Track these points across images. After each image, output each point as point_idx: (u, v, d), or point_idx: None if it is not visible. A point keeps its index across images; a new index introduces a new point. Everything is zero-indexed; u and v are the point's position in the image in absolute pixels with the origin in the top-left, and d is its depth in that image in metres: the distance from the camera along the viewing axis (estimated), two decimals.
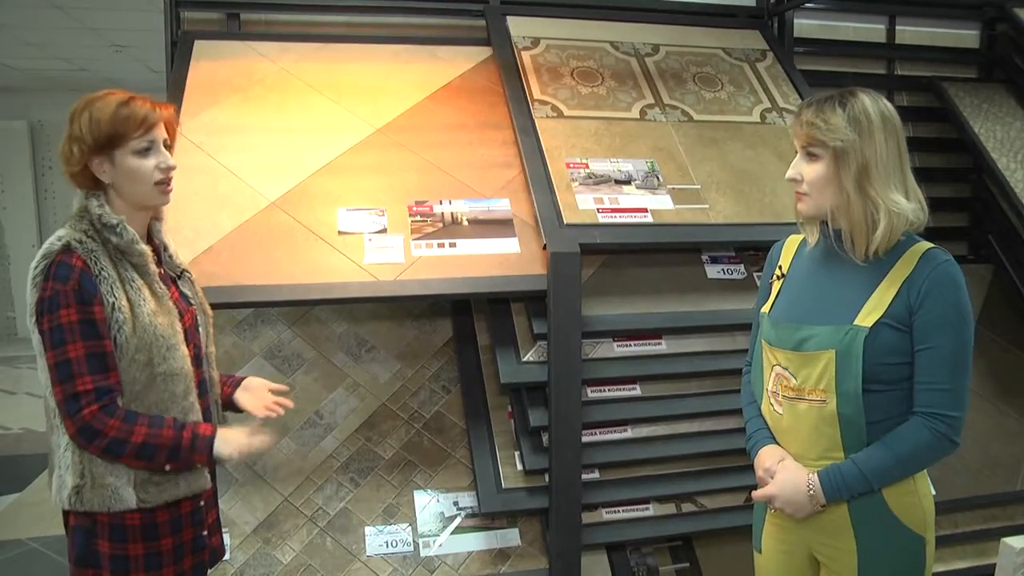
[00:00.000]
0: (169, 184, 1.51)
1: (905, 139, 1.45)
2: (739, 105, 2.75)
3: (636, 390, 2.31)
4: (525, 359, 2.21)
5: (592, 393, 2.28)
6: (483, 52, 2.79)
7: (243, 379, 1.72)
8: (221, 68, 2.60)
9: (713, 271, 2.48)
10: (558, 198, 2.30)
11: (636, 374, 2.29)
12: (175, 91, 2.52)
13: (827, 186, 1.42)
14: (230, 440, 1.49)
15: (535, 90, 2.62)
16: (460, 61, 2.74)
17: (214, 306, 1.77)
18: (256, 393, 1.68)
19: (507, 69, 2.67)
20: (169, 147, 1.52)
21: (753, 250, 2.54)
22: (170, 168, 1.50)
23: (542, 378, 2.17)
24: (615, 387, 2.30)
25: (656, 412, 2.30)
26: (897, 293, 1.39)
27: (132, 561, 1.45)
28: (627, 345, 2.31)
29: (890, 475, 1.40)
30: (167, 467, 1.44)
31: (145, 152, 1.47)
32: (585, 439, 2.23)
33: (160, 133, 1.50)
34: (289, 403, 1.68)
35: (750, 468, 1.58)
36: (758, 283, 2.41)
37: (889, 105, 1.44)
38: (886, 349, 1.38)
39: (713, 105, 2.73)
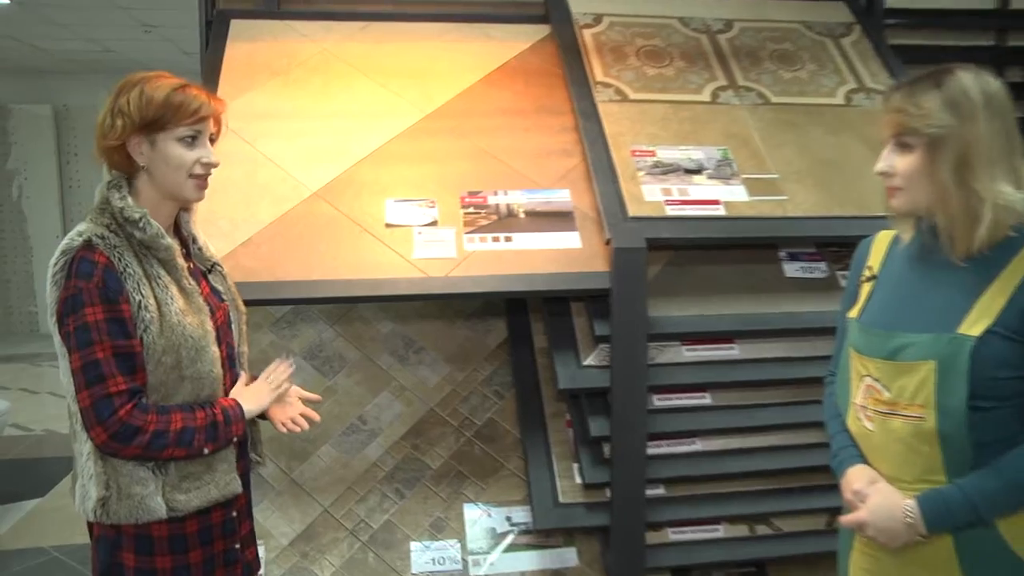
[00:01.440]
0: (206, 181, 1.55)
1: (1016, 121, 1.40)
2: (821, 86, 2.72)
3: (706, 399, 2.31)
4: (586, 363, 2.22)
5: (658, 401, 2.28)
6: (541, 30, 2.81)
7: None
8: (259, 49, 2.67)
9: (791, 269, 2.46)
10: (622, 189, 2.30)
11: (706, 381, 2.28)
12: (210, 74, 2.59)
13: (922, 179, 1.38)
14: (255, 394, 1.60)
15: (597, 71, 2.63)
16: (516, 40, 2.76)
17: (251, 303, 1.82)
18: (284, 399, 1.71)
19: (567, 49, 2.68)
20: (213, 141, 1.57)
21: (836, 246, 2.51)
22: (212, 165, 1.54)
23: (604, 384, 2.18)
24: (683, 395, 2.30)
25: (728, 423, 2.29)
26: (1010, 298, 1.34)
27: (159, 575, 1.48)
28: (697, 349, 2.31)
29: (1002, 505, 1.33)
30: (206, 449, 1.49)
31: (190, 142, 1.51)
32: (650, 451, 2.23)
33: (208, 127, 1.55)
34: (315, 416, 1.73)
35: (834, 488, 1.56)
36: (842, 283, 2.39)
37: (995, 82, 1.37)
38: (997, 362, 1.32)
39: (792, 86, 2.70)
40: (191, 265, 1.59)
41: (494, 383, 2.55)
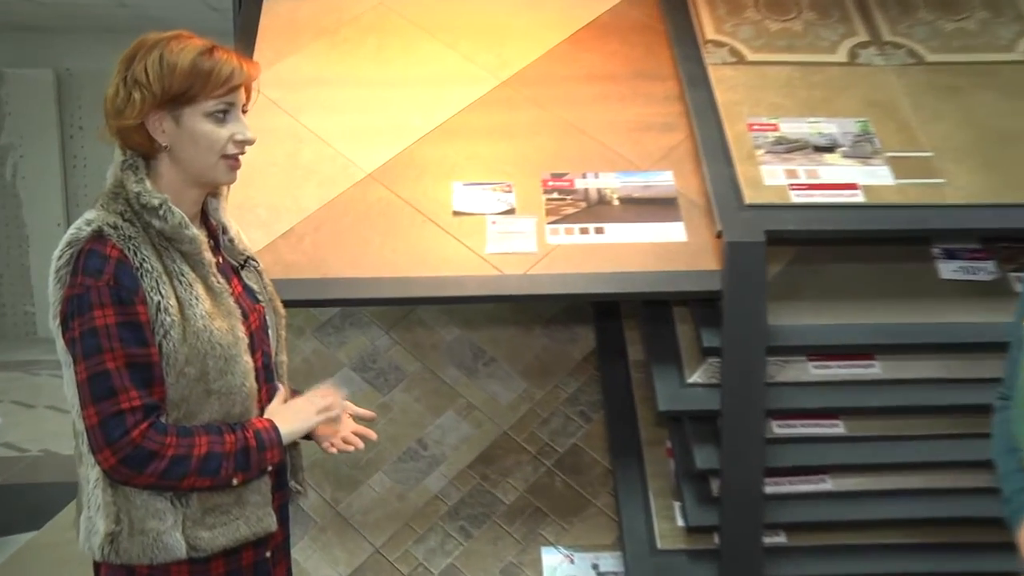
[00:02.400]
0: (239, 160, 1.59)
1: None
2: (995, 38, 2.67)
3: (839, 427, 2.31)
4: (691, 380, 2.26)
5: (779, 429, 2.30)
6: None
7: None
8: (303, 4, 2.79)
9: (949, 269, 2.45)
10: (737, 171, 2.34)
11: (839, 406, 2.29)
12: (244, 34, 2.71)
13: None
14: (295, 414, 1.62)
15: (708, 28, 2.67)
16: None
17: (293, 303, 1.90)
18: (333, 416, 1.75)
19: (670, 0, 2.73)
20: (244, 113, 1.60)
21: (1009, 242, 2.48)
22: (247, 142, 1.58)
23: (713, 406, 2.21)
24: (810, 422, 2.31)
25: (866, 458, 2.29)
26: None
27: None
28: (827, 366, 2.32)
29: None
30: (235, 480, 1.51)
31: (221, 116, 1.53)
32: (768, 490, 2.25)
33: (241, 97, 1.57)
34: (372, 435, 1.79)
35: (1007, 547, 1.56)
36: (1016, 287, 2.37)
37: None
38: None
39: (955, 39, 2.67)
40: (220, 260, 1.64)
41: (579, 403, 2.61)
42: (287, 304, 1.80)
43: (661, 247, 2.26)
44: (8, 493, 4.61)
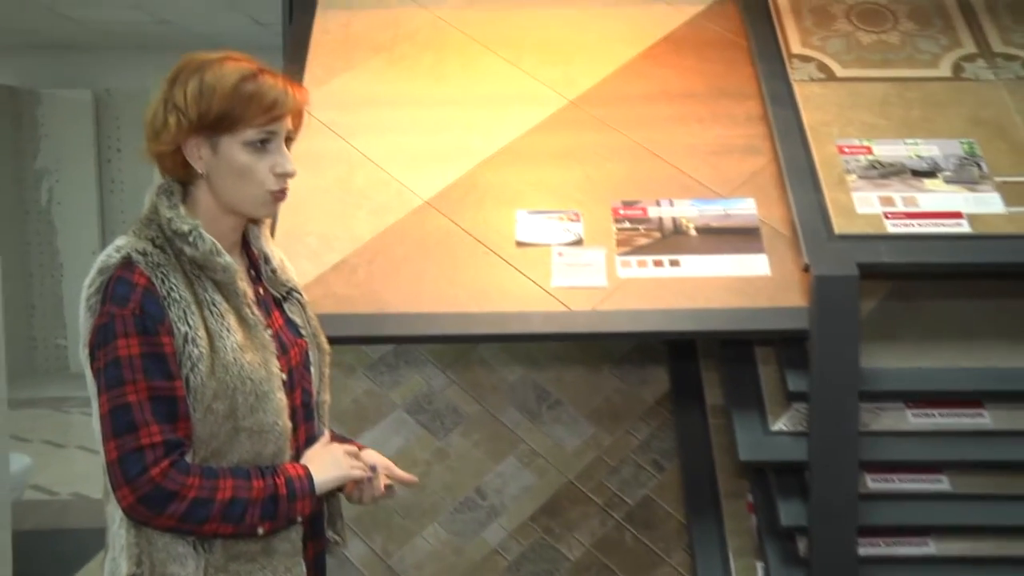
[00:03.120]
0: (284, 193, 1.63)
1: None
2: None
3: (943, 483, 2.27)
4: (775, 428, 2.25)
5: (874, 483, 2.27)
6: None
7: (360, 448, 1.79)
8: (357, 19, 2.85)
9: None
10: (826, 198, 2.33)
11: (943, 459, 2.26)
12: (294, 51, 2.78)
13: None
14: (332, 463, 1.63)
15: (794, 41, 2.68)
16: (686, 2, 2.84)
17: (344, 340, 1.93)
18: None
19: (753, 12, 2.75)
20: (291, 141, 1.65)
21: None
22: (287, 175, 1.61)
23: (800, 456, 2.19)
24: (910, 476, 2.27)
25: (974, 519, 2.24)
26: None
27: None
28: (928, 414, 2.29)
29: None
30: (261, 529, 1.53)
31: (261, 147, 1.57)
32: (863, 551, 2.22)
33: (285, 125, 1.60)
34: (411, 478, 1.79)
35: None
36: None
37: None
38: None
39: None
40: (261, 290, 1.69)
41: (652, 450, 2.60)
42: (338, 341, 1.82)
43: (742, 281, 2.25)
44: (37, 539, 4.65)
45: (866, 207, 2.32)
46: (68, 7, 6.61)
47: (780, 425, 2.25)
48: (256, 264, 1.71)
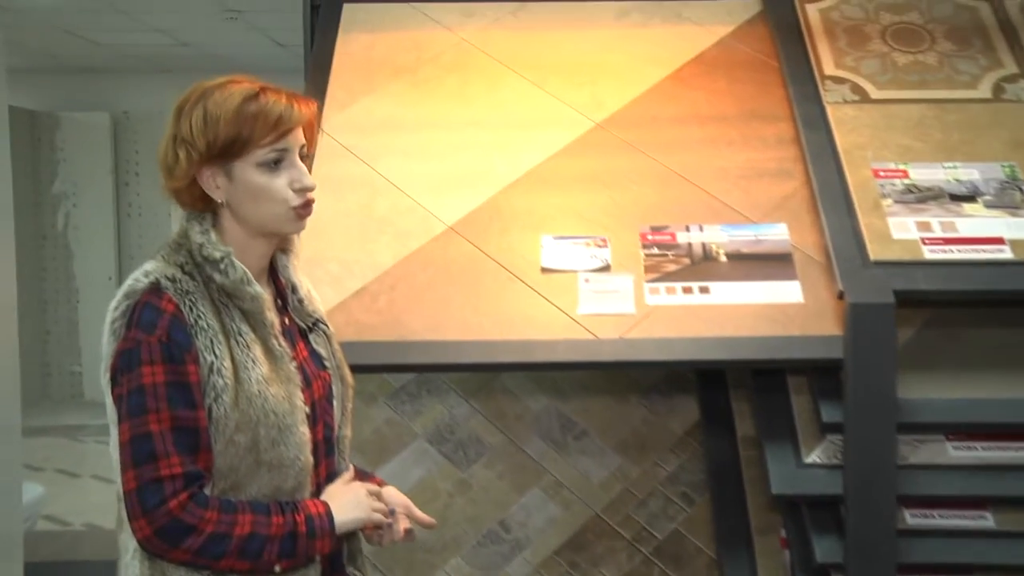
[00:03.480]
0: (309, 207, 1.64)
1: None
2: None
3: (986, 519, 2.25)
4: (808, 460, 2.24)
5: (913, 519, 2.25)
6: (748, 7, 2.91)
7: (380, 484, 1.81)
8: (380, 41, 2.90)
9: None
10: (861, 223, 2.33)
11: (986, 493, 2.23)
12: (317, 73, 2.82)
13: None
14: (353, 502, 1.63)
15: (827, 62, 2.69)
16: (716, 22, 2.87)
17: (366, 368, 1.94)
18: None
19: (785, 32, 2.77)
20: (306, 157, 1.66)
21: None
22: (306, 188, 1.62)
23: (835, 490, 2.19)
24: (951, 512, 2.25)
25: (1020, 557, 2.21)
26: None
27: None
28: (970, 447, 2.27)
29: None
30: (278, 567, 1.53)
31: (274, 166, 1.59)
32: None
33: (296, 140, 1.62)
34: (430, 520, 1.78)
35: None
36: None
37: None
38: None
39: None
40: (287, 321, 1.70)
41: (681, 482, 2.60)
42: (359, 369, 1.84)
43: (774, 309, 2.26)
44: (49, 571, 4.66)
45: (902, 232, 2.32)
46: (88, 30, 6.69)
47: (814, 457, 2.24)
48: (283, 293, 1.73)
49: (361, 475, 1.81)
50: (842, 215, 2.36)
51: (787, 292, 2.29)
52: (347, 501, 1.64)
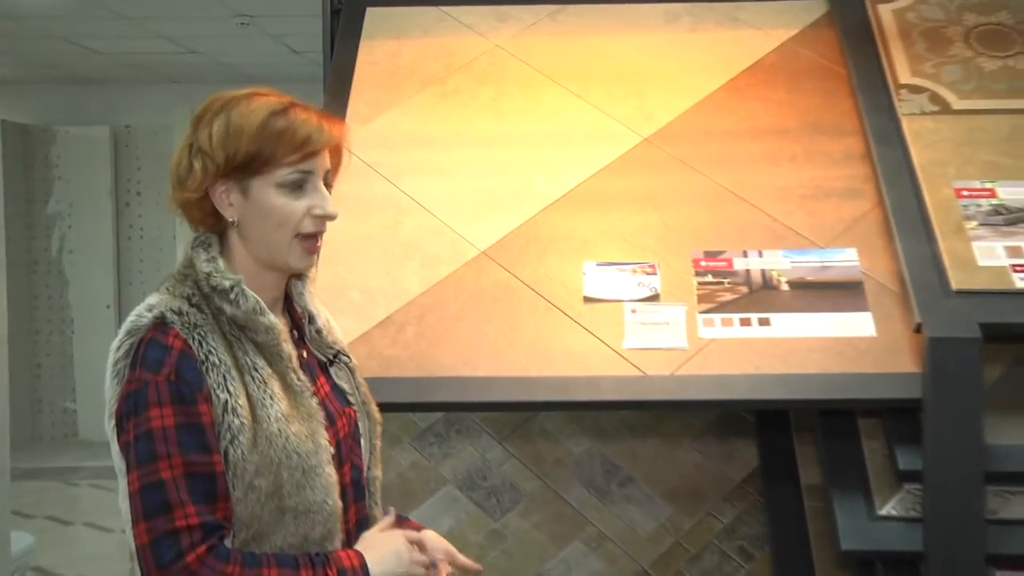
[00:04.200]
0: (318, 240, 1.63)
1: None
2: None
3: None
4: (883, 512, 2.21)
5: None
6: (814, 9, 2.89)
7: (418, 529, 1.78)
8: (406, 48, 2.90)
9: None
10: (941, 248, 2.31)
11: None
12: (337, 84, 2.83)
13: None
14: (390, 552, 1.60)
15: (902, 69, 2.67)
16: (776, 26, 2.85)
17: (390, 407, 1.92)
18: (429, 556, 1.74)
19: (854, 36, 2.75)
20: (330, 183, 1.66)
21: None
22: (327, 217, 1.61)
23: (914, 547, 2.15)
24: None
25: None
26: None
27: None
28: None
29: None
30: None
31: (296, 188, 1.58)
32: None
33: (322, 164, 1.60)
34: (476, 567, 1.78)
35: None
36: None
37: None
38: None
39: None
40: (305, 354, 1.68)
41: (738, 536, 2.57)
42: (383, 407, 1.81)
43: (843, 343, 2.24)
44: None
45: (989, 259, 2.30)
46: (87, 37, 6.76)
47: (889, 509, 2.21)
48: (299, 323, 1.71)
49: (399, 520, 1.79)
50: (920, 239, 2.33)
51: (857, 324, 2.27)
52: (386, 553, 1.61)
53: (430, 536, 1.76)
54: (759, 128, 2.64)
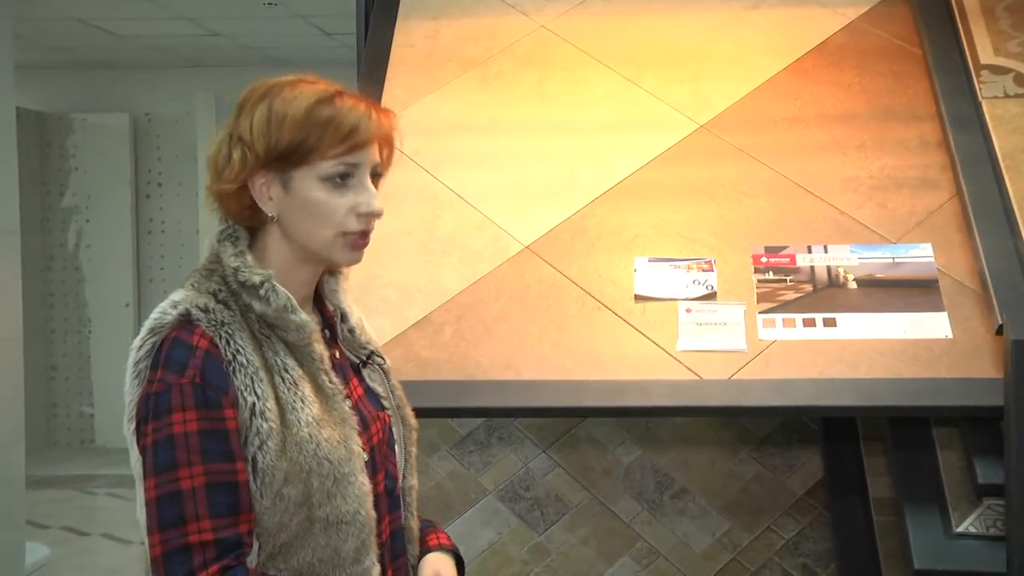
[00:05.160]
0: (366, 238, 1.61)
1: None
2: None
3: None
4: (960, 529, 2.20)
5: None
6: None
7: (451, 547, 1.79)
8: (445, 29, 2.91)
9: None
10: None
11: None
12: (372, 67, 2.84)
13: None
14: None
15: (983, 48, 2.65)
16: (844, 3, 2.84)
17: (427, 412, 1.92)
18: None
19: (931, 13, 2.73)
20: (378, 177, 1.63)
21: None
22: (373, 215, 1.59)
23: (995, 567, 2.14)
24: None
25: None
26: None
27: None
28: None
29: None
30: None
31: (341, 181, 1.55)
32: None
33: (370, 157, 1.57)
34: None
35: None
36: None
37: None
38: None
39: None
40: (337, 354, 1.68)
41: (801, 552, 2.56)
42: (419, 413, 1.81)
43: (916, 345, 2.23)
44: None
45: None
46: (105, 19, 6.80)
47: (968, 526, 2.20)
48: (331, 322, 1.70)
49: (433, 531, 1.80)
50: (1002, 234, 2.32)
51: (932, 325, 2.26)
52: None
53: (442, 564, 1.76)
54: (825, 114, 2.63)
